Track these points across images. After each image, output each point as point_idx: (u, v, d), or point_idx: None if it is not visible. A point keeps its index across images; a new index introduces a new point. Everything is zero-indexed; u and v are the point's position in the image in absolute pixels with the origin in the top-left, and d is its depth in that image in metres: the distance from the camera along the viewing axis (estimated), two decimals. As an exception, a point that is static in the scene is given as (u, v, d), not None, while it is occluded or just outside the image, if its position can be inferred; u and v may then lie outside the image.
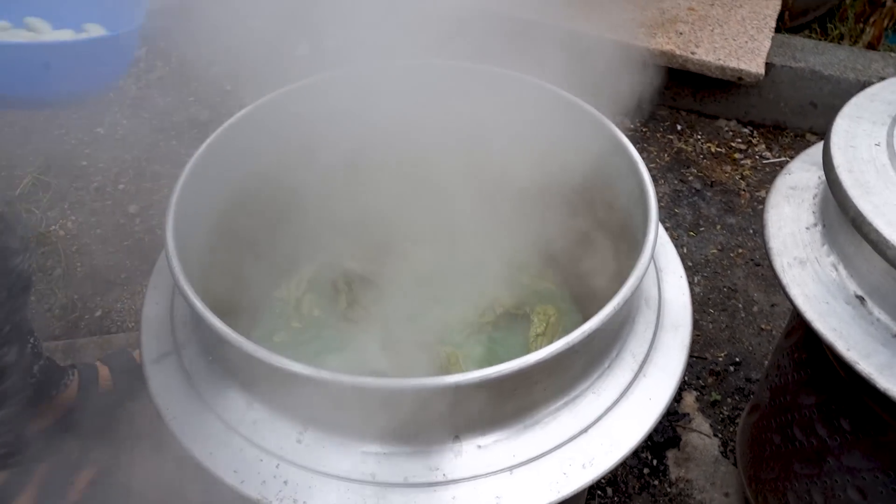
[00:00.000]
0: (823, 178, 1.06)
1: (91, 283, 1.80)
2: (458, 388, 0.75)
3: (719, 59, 2.08)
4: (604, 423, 0.85)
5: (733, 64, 2.06)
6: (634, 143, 1.07)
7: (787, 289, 0.92)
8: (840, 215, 0.92)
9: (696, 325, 1.72)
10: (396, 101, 1.19)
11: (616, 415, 0.86)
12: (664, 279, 1.04)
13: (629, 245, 1.08)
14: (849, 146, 0.92)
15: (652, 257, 0.86)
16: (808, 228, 0.99)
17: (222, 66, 1.88)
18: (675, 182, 2.10)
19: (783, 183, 1.08)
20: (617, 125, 1.07)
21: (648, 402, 0.89)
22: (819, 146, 1.14)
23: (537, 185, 1.21)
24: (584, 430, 0.85)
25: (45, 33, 0.78)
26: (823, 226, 0.98)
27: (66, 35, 0.79)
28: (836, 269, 0.92)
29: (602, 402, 0.87)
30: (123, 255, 1.87)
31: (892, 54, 2.20)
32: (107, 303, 1.75)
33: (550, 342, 1.14)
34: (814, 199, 1.04)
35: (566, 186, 1.17)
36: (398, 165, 1.24)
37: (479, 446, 0.82)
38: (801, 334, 1.10)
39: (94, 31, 0.80)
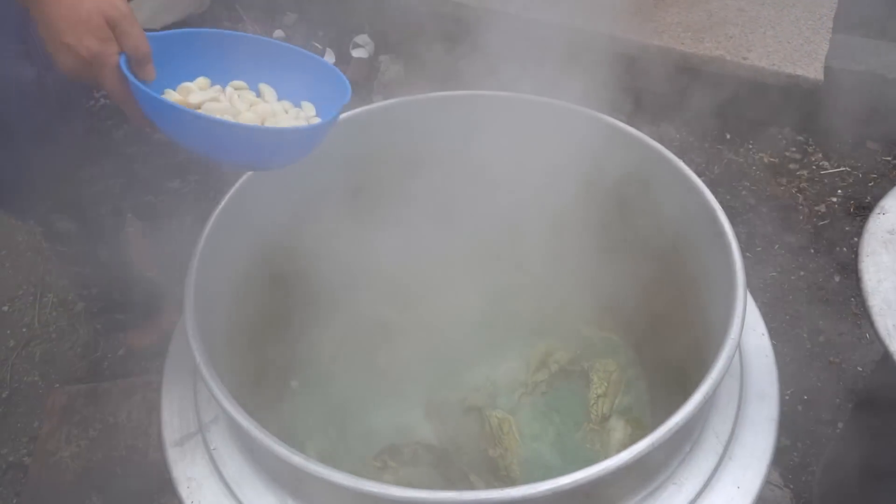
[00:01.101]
0: (925, 219, 0.94)
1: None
2: (525, 501, 0.64)
3: (773, 65, 1.93)
4: (688, 519, 0.74)
5: (789, 69, 1.92)
6: (680, 154, 0.96)
7: (896, 358, 0.80)
8: (958, 273, 0.79)
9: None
10: (436, 134, 1.09)
11: (701, 509, 0.75)
12: (744, 338, 0.92)
13: (699, 294, 0.97)
14: (968, 193, 0.80)
15: (739, 339, 0.75)
16: (913, 282, 0.86)
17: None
18: (727, 197, 1.96)
19: (878, 225, 0.95)
20: (660, 135, 0.96)
21: (736, 491, 0.78)
22: (914, 179, 1.02)
23: (596, 224, 1.10)
24: (666, 530, 0.74)
25: (271, 101, 0.83)
26: (933, 280, 0.85)
27: (285, 106, 0.83)
28: (954, 336, 0.79)
29: (685, 494, 0.76)
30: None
31: (961, 54, 2.04)
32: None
33: (612, 403, 1.04)
34: (916, 245, 0.91)
35: (628, 227, 1.06)
36: (438, 203, 1.13)
37: (547, 553, 0.71)
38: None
39: (308, 109, 0.84)
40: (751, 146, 2.11)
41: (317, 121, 0.82)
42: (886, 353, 0.82)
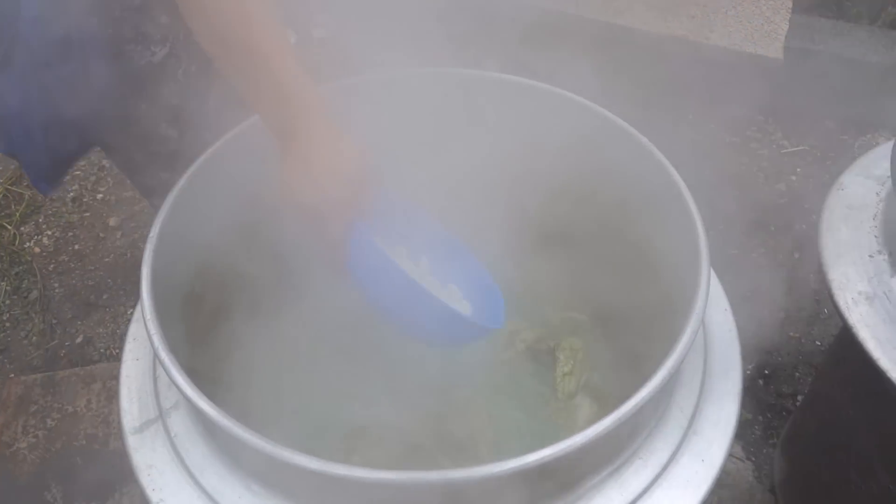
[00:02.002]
0: (882, 195, 0.95)
1: (70, 305, 1.68)
2: (492, 479, 0.64)
3: (735, 45, 1.95)
4: (653, 494, 0.75)
5: (750, 49, 1.93)
6: (643, 133, 0.96)
7: (855, 331, 0.81)
8: (915, 246, 0.81)
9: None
10: (399, 113, 1.07)
11: (666, 483, 0.76)
12: (708, 313, 0.93)
13: (664, 271, 0.97)
14: (925, 167, 0.81)
15: (704, 314, 0.75)
16: (871, 257, 0.88)
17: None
18: (690, 176, 1.97)
19: (837, 200, 0.96)
20: (624, 114, 0.97)
21: (701, 464, 0.78)
22: (872, 154, 1.03)
23: (559, 203, 1.10)
24: (632, 504, 0.74)
25: (425, 275, 0.88)
26: (890, 254, 0.86)
27: (434, 284, 0.88)
28: (911, 308, 0.81)
29: (650, 469, 0.76)
30: (105, 273, 1.74)
31: (916, 34, 2.08)
32: (88, 327, 1.63)
33: (579, 381, 1.04)
34: (874, 219, 0.92)
35: (592, 204, 1.06)
36: (400, 184, 1.12)
37: (514, 530, 0.71)
38: (859, 368, 0.99)
39: (454, 292, 0.89)
40: (713, 126, 2.13)
41: (466, 305, 0.88)
42: (845, 326, 0.83)
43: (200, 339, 0.92)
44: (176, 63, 1.02)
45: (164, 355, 0.71)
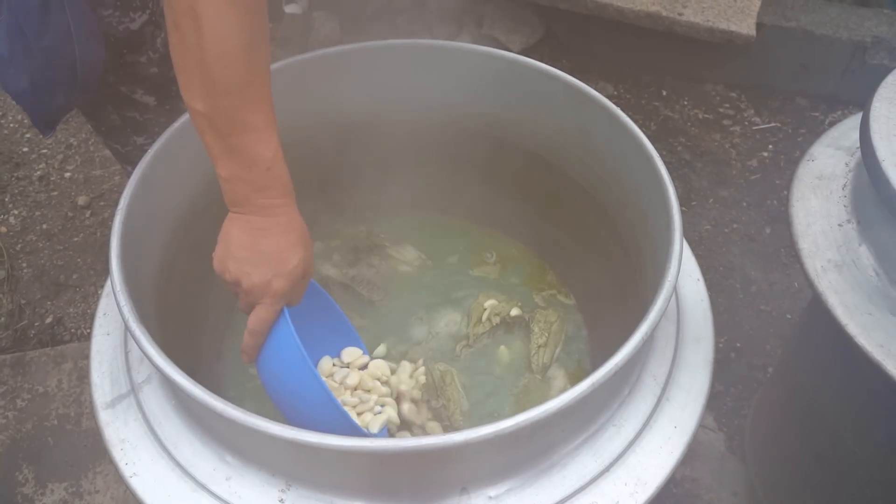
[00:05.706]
0: (851, 165, 0.96)
1: (39, 285, 1.65)
2: (467, 446, 0.64)
3: (708, 21, 1.95)
4: (627, 459, 0.76)
5: (723, 25, 1.94)
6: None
7: (824, 297, 0.82)
8: (882, 213, 0.82)
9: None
10: (382, 84, 1.06)
11: (639, 449, 0.77)
12: (681, 284, 0.94)
13: (639, 245, 0.98)
14: (893, 135, 0.82)
15: (676, 280, 0.76)
16: (840, 225, 0.89)
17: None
18: (664, 153, 1.98)
19: (807, 171, 0.97)
20: (598, 91, 0.97)
21: (673, 430, 0.80)
22: (841, 126, 1.04)
23: (536, 177, 1.09)
24: (606, 470, 0.75)
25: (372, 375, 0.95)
26: (858, 223, 0.88)
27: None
28: (878, 274, 0.82)
29: (624, 435, 0.77)
30: (74, 253, 1.71)
31: (885, 11, 2.09)
32: (58, 307, 1.60)
33: (553, 354, 1.04)
34: (843, 189, 0.93)
35: (568, 178, 1.06)
36: (374, 156, 1.11)
37: (491, 497, 0.72)
38: (828, 335, 1.00)
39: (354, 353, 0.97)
40: (686, 103, 2.14)
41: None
42: (814, 294, 0.84)
43: (173, 315, 0.91)
44: (155, 31, 1.01)
45: (135, 326, 0.70)
